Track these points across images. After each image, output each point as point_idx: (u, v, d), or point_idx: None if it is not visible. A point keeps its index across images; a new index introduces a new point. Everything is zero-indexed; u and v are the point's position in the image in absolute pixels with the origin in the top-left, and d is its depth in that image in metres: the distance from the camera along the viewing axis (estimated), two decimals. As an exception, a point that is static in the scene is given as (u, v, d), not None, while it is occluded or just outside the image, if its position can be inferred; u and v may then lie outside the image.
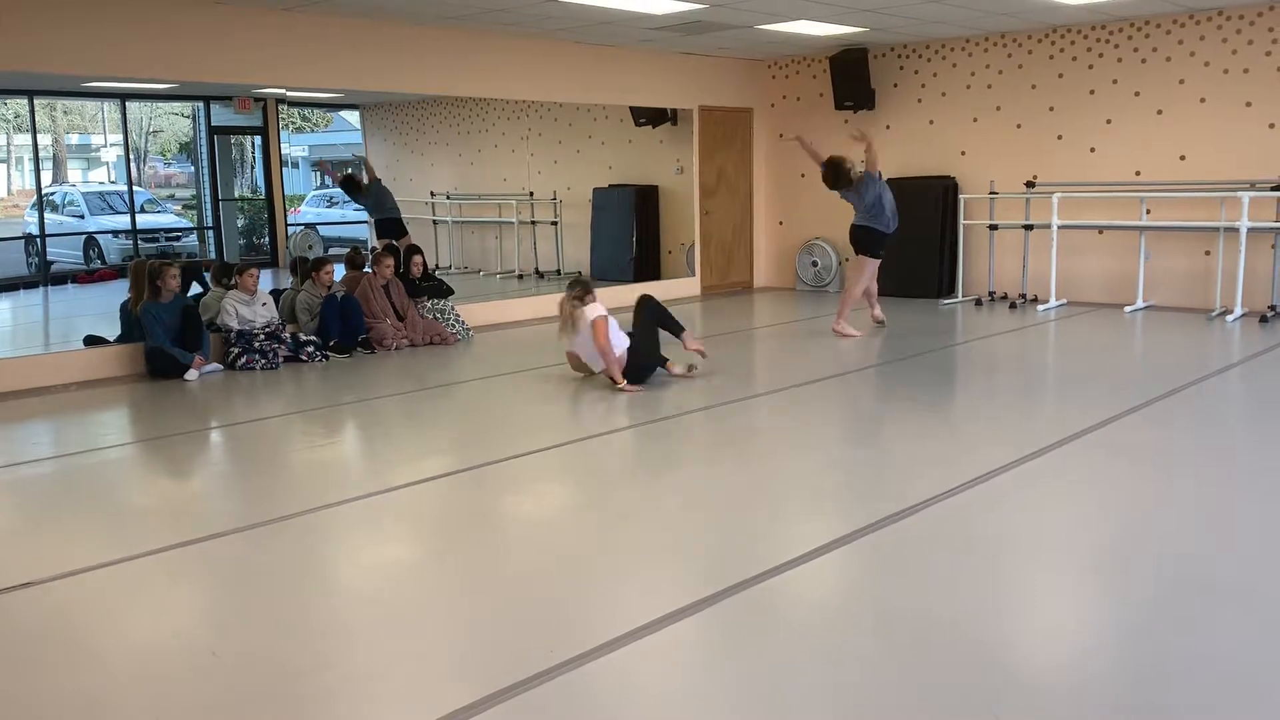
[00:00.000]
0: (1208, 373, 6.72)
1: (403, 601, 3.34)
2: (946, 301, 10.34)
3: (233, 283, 7.82)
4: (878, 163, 8.25)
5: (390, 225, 10.29)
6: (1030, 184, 10.08)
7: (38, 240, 10.54)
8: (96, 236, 11.04)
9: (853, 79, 10.90)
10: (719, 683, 2.75)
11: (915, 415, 5.92)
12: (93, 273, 10.89)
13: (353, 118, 12.56)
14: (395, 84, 9.05)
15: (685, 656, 2.93)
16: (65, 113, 10.96)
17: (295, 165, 11.96)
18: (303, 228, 11.65)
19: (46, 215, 10.63)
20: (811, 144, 8.91)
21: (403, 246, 9.33)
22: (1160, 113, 9.38)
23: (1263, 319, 8.59)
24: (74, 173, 11.49)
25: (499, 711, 2.58)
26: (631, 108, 11.31)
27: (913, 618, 3.08)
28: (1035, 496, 4.28)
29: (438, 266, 11.43)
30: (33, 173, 10.42)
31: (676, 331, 6.83)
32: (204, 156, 10.76)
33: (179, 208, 11.51)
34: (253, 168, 11.12)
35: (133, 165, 10.90)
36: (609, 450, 5.34)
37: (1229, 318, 8.68)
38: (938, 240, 10.58)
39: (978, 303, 10.21)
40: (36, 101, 9.93)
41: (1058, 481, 4.48)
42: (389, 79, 8.91)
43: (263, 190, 10.89)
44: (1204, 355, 7.47)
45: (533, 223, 12.24)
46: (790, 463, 4.92)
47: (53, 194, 10.99)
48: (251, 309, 7.66)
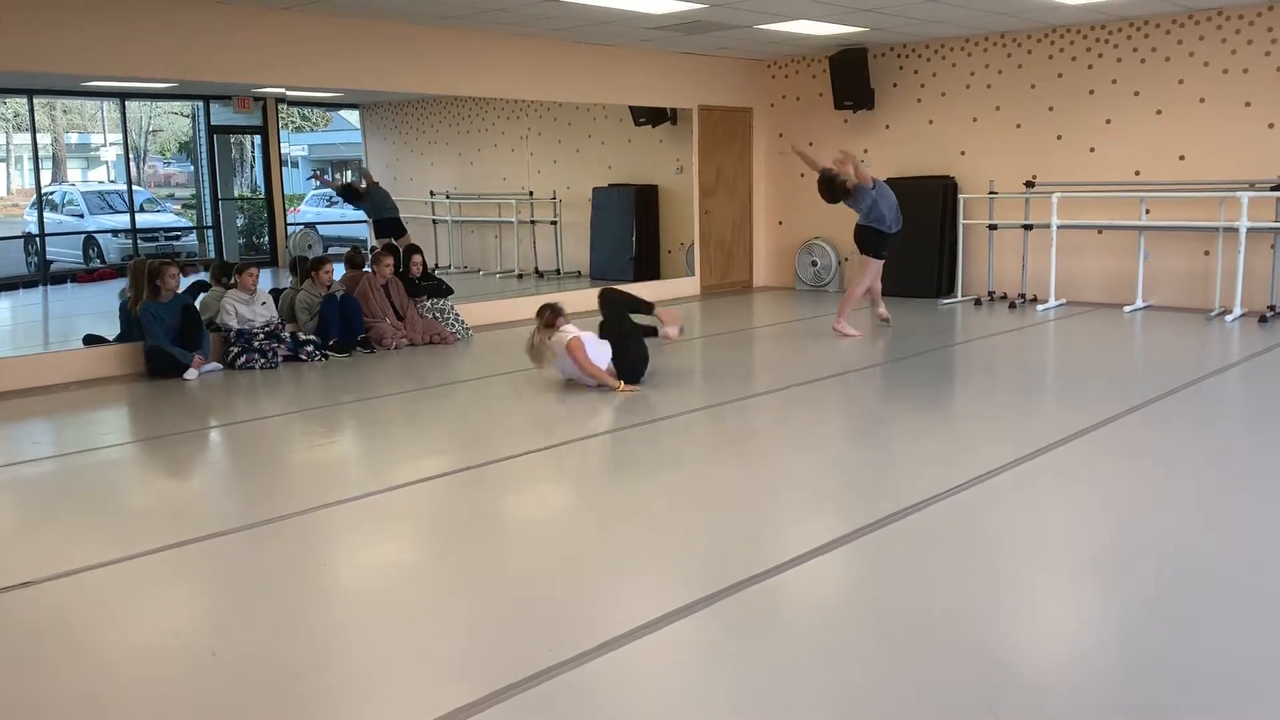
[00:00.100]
0: (1207, 373, 6.72)
1: (402, 601, 3.34)
2: (946, 301, 10.35)
3: (232, 282, 7.82)
4: (866, 178, 8.22)
5: (389, 225, 10.30)
6: (1030, 184, 10.08)
7: (37, 239, 10.54)
8: (96, 236, 11.04)
9: (852, 79, 10.91)
10: (719, 682, 2.75)
11: (915, 415, 5.92)
12: (92, 272, 10.89)
13: (352, 117, 12.56)
14: (395, 84, 9.05)
15: (685, 656, 2.93)
16: (64, 112, 10.96)
17: (295, 165, 11.96)
18: (302, 227, 11.65)
19: (46, 214, 10.63)
20: (809, 153, 8.93)
21: (402, 246, 9.33)
22: (1160, 113, 9.38)
23: (1262, 319, 8.59)
24: (73, 172, 11.49)
25: (499, 711, 2.58)
26: (631, 107, 11.31)
27: (913, 617, 3.08)
28: (1035, 496, 4.28)
29: (437, 266, 11.42)
30: (32, 172, 10.42)
31: (648, 309, 6.69)
32: (203, 156, 10.76)
33: (178, 207, 11.51)
34: (252, 167, 11.12)
35: (132, 164, 10.89)
36: (609, 450, 5.34)
37: (1228, 318, 8.68)
38: (937, 240, 10.58)
39: (977, 302, 10.21)
40: (36, 100, 9.93)
41: (1057, 481, 4.48)
42: (389, 79, 8.91)
43: (262, 190, 10.89)
44: (1203, 355, 7.48)
45: (532, 222, 12.24)
46: (790, 462, 4.92)
47: (52, 193, 10.98)
48: (251, 308, 7.66)
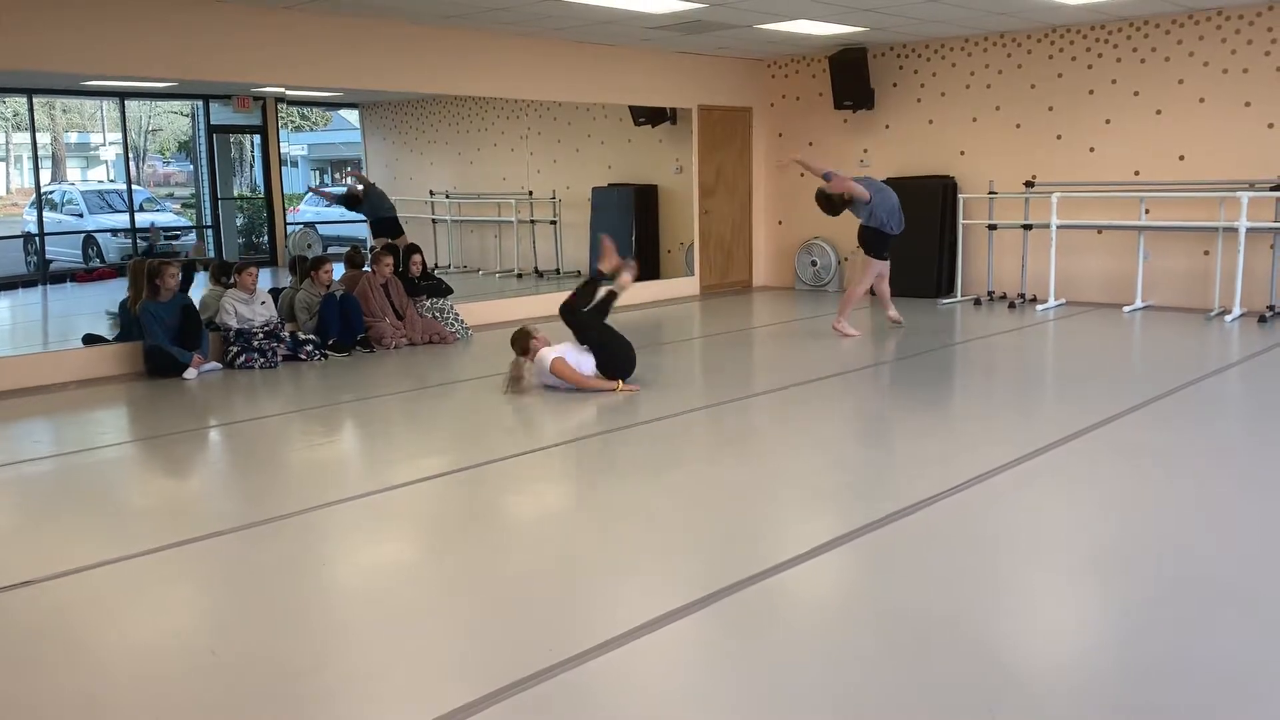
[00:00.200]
0: (1206, 373, 6.73)
1: (402, 601, 3.34)
2: (945, 301, 10.35)
3: (232, 281, 7.82)
4: (858, 191, 8.15)
5: (387, 225, 10.29)
6: (1029, 184, 10.08)
7: (36, 239, 10.54)
8: (95, 235, 11.04)
9: (852, 78, 10.90)
10: (719, 682, 2.75)
11: (914, 414, 5.92)
12: (91, 271, 10.89)
13: (352, 116, 12.57)
14: (395, 83, 9.04)
15: (685, 656, 2.93)
16: (64, 111, 10.96)
17: (294, 164, 11.96)
18: (301, 226, 11.66)
19: (45, 214, 10.63)
20: (809, 160, 8.92)
21: (401, 245, 9.33)
22: (1159, 113, 9.38)
23: (1261, 319, 8.59)
24: (73, 171, 11.50)
25: (499, 711, 2.58)
26: (631, 107, 11.31)
27: (912, 617, 3.08)
28: (1034, 496, 4.28)
29: (437, 265, 11.43)
30: (31, 171, 10.42)
31: (594, 287, 6.58)
32: (203, 155, 10.77)
33: (178, 206, 11.51)
34: (252, 166, 11.12)
35: (132, 164, 10.90)
36: (608, 449, 5.33)
37: (1228, 318, 8.68)
38: (937, 240, 10.58)
39: (977, 302, 10.22)
40: (35, 100, 9.93)
41: (1057, 481, 4.48)
42: (389, 78, 8.91)
43: (262, 189, 10.89)
44: (1203, 355, 7.48)
45: (532, 222, 12.24)
46: (790, 462, 4.92)
47: (51, 193, 10.99)
48: (250, 308, 7.65)
